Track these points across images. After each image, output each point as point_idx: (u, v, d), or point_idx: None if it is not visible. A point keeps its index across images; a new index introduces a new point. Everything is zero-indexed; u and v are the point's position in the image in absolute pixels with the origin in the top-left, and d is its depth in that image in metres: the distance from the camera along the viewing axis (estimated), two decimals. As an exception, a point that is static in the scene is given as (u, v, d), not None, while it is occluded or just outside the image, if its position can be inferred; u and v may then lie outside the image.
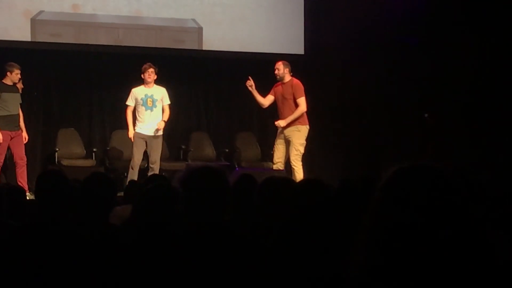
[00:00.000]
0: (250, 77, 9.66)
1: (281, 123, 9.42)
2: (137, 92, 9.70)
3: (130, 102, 9.73)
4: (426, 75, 11.42)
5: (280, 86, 9.59)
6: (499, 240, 2.54)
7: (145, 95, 9.69)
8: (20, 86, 9.66)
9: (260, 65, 10.90)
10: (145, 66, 9.70)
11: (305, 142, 9.44)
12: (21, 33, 10.49)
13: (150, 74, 9.67)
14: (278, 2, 11.66)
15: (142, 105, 9.67)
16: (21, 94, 9.66)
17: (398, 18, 11.42)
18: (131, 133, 9.72)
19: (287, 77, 9.54)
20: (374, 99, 11.58)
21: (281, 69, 9.55)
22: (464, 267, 1.67)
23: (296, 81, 9.54)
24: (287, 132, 9.43)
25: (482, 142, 10.91)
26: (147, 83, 9.69)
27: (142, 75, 9.69)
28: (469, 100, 11.21)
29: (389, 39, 11.56)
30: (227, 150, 11.25)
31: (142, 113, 9.68)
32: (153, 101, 9.70)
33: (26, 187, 9.14)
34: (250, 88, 9.66)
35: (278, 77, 9.58)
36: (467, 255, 1.68)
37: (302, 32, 11.65)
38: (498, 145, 10.78)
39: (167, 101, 9.78)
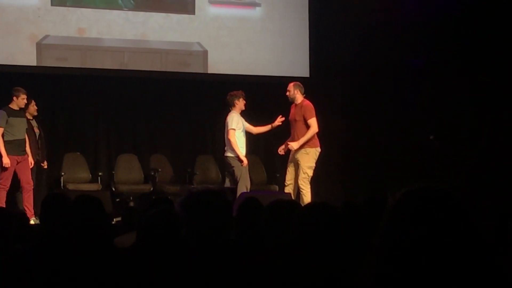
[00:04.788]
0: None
1: (294, 145, 9.35)
2: (240, 119, 9.57)
3: (237, 126, 9.55)
4: (431, 97, 11.43)
5: (293, 108, 9.58)
6: (507, 260, 2.53)
7: (244, 123, 9.62)
8: (34, 108, 9.80)
9: (265, 88, 10.93)
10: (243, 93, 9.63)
11: (313, 165, 9.38)
12: (27, 57, 10.53)
13: None
14: (283, 25, 11.69)
15: (242, 131, 9.57)
16: (30, 119, 9.77)
17: (403, 40, 11.44)
18: (245, 158, 9.52)
19: (299, 98, 9.48)
20: (379, 121, 11.58)
21: (292, 91, 9.50)
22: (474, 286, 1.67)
23: (307, 103, 9.48)
24: (296, 154, 9.40)
25: (487, 163, 10.88)
26: (241, 111, 9.63)
27: (242, 101, 9.59)
28: (474, 122, 11.20)
29: (394, 61, 11.58)
30: (232, 173, 11.20)
31: (243, 139, 9.59)
32: None
33: (32, 211, 9.15)
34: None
35: (289, 98, 9.55)
36: (478, 277, 1.68)
37: (307, 54, 11.68)
38: (504, 167, 10.75)
39: None
